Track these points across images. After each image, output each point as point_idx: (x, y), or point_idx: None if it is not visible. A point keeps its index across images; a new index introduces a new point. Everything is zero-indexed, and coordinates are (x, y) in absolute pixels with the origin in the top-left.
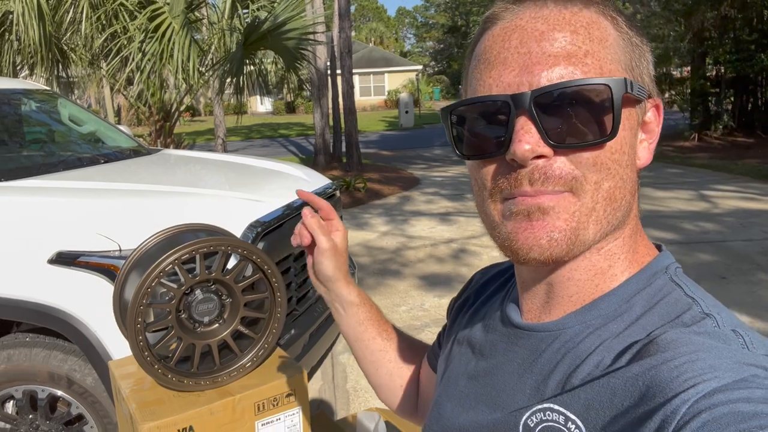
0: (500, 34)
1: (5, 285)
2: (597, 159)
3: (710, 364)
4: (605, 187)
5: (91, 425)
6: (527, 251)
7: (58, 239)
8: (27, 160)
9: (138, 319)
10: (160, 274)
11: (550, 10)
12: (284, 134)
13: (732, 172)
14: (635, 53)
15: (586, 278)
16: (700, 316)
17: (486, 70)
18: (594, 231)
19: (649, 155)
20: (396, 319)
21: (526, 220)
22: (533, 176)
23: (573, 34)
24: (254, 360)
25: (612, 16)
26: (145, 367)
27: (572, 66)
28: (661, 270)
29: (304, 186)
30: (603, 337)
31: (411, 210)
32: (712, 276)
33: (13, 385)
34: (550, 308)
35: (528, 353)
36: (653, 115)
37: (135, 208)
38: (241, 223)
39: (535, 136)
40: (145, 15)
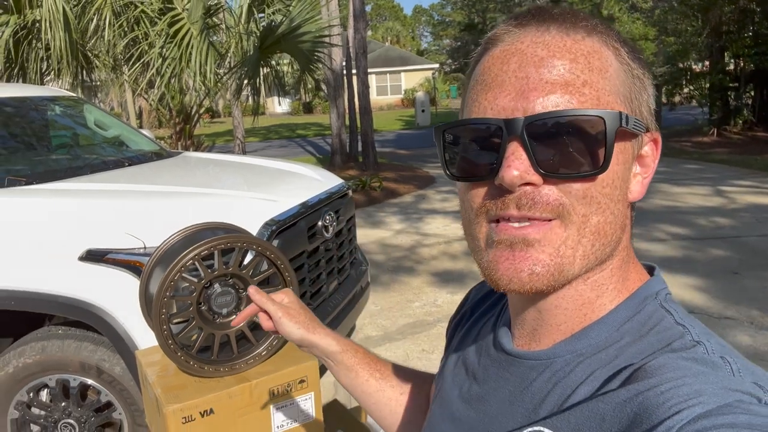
0: (500, 56)
1: (40, 281)
2: (587, 191)
3: (696, 389)
4: (593, 222)
5: (119, 412)
6: (507, 282)
7: (87, 238)
8: (56, 163)
9: (162, 310)
10: (182, 269)
11: (552, 36)
12: (302, 134)
13: (751, 167)
14: (635, 86)
15: (573, 307)
16: (690, 343)
17: (482, 91)
18: (580, 266)
19: (642, 189)
20: (409, 315)
21: (508, 250)
22: (520, 201)
23: (572, 62)
24: (269, 349)
25: (615, 47)
26: (169, 354)
27: (569, 95)
28: (651, 296)
29: (317, 186)
30: (593, 367)
31: (426, 208)
32: (724, 271)
33: (47, 374)
34: (540, 336)
35: (519, 381)
36: (651, 149)
37: (158, 209)
38: (257, 221)
39: (525, 162)
40: (165, 21)
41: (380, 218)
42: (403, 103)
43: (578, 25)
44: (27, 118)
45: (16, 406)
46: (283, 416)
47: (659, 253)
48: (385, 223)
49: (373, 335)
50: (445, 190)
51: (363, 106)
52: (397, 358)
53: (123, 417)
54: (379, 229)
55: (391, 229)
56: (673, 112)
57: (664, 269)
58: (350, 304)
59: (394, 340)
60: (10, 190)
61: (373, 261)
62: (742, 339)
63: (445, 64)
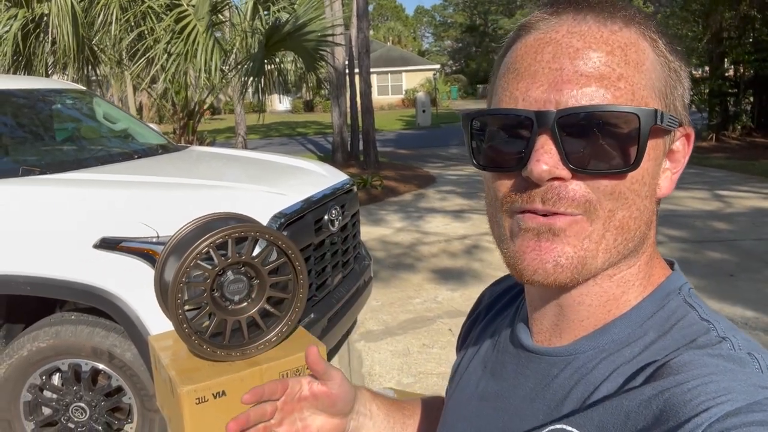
0: (533, 45)
1: (55, 267)
2: (615, 188)
3: (724, 387)
4: (619, 216)
5: (129, 396)
6: (531, 273)
7: (102, 226)
8: (67, 155)
9: (178, 295)
10: (198, 256)
11: (588, 26)
12: (302, 132)
13: (749, 172)
14: (671, 79)
15: (597, 304)
16: (716, 339)
17: (514, 80)
18: (603, 260)
19: (671, 185)
20: (410, 311)
21: (534, 239)
22: (546, 195)
23: (609, 54)
24: (279, 335)
25: (652, 38)
26: (184, 338)
27: (603, 89)
28: (674, 291)
29: (323, 181)
30: (617, 363)
31: (426, 207)
32: (720, 273)
33: (60, 359)
34: (561, 331)
35: (540, 378)
36: (682, 144)
37: (171, 199)
38: (266, 213)
39: (555, 157)
40: (171, 17)
41: (381, 216)
42: (403, 103)
43: (616, 15)
44: (38, 110)
45: (29, 389)
46: None
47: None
48: (385, 221)
49: (375, 329)
50: (445, 190)
51: (365, 105)
52: (399, 351)
53: (132, 402)
54: (380, 227)
55: (391, 227)
56: None
57: None
58: (353, 298)
59: (395, 335)
60: (26, 179)
61: (374, 258)
62: None
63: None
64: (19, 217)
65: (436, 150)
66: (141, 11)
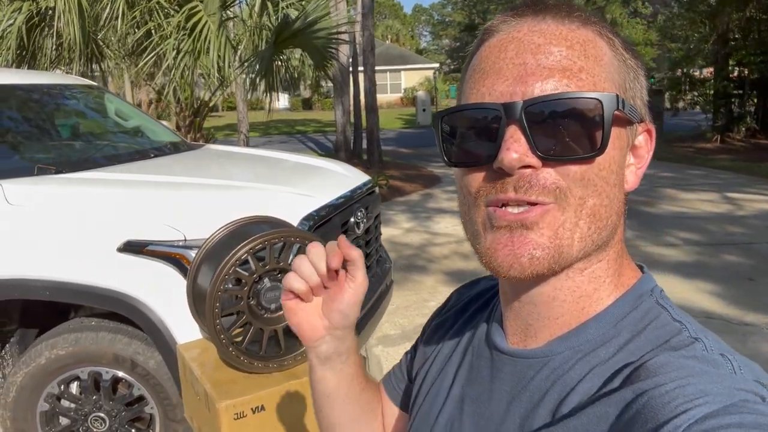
0: (497, 45)
1: (76, 271)
2: (584, 174)
3: (701, 389)
4: (590, 204)
5: (151, 406)
6: (507, 269)
7: (126, 229)
8: (81, 153)
9: (216, 304)
10: (236, 263)
11: (547, 24)
12: (301, 131)
13: (756, 174)
14: (629, 75)
15: (571, 300)
16: (688, 340)
17: (480, 79)
18: (578, 248)
19: (636, 180)
20: (426, 314)
21: (507, 235)
22: (518, 184)
23: (569, 49)
24: None
25: (609, 37)
26: (221, 349)
27: (566, 79)
28: (647, 292)
29: (347, 182)
30: (592, 364)
31: (434, 207)
32: (739, 278)
33: (80, 367)
34: (536, 331)
35: (516, 380)
36: (644, 140)
37: (198, 201)
38: (295, 216)
39: (524, 145)
40: (182, 13)
41: (389, 216)
42: (402, 101)
43: (573, 15)
44: (49, 106)
45: (47, 398)
46: None
47: (673, 257)
48: (393, 221)
49: (392, 334)
50: (452, 190)
51: (370, 104)
52: None
53: (155, 411)
54: (388, 227)
55: (400, 228)
56: (675, 117)
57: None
58: (377, 303)
59: (413, 339)
60: (43, 178)
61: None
62: (763, 346)
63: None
64: (37, 219)
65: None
66: (148, 7)
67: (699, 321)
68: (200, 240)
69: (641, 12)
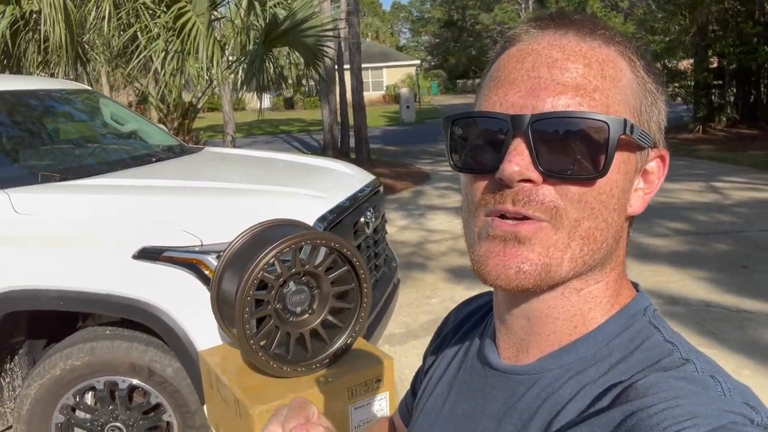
0: (515, 55)
1: (90, 280)
2: (583, 196)
3: (690, 411)
4: (584, 227)
5: (169, 414)
6: (494, 278)
7: (141, 235)
8: (82, 159)
9: (245, 308)
10: (265, 266)
11: (568, 39)
12: (285, 130)
13: (739, 163)
14: (647, 99)
15: (564, 318)
16: (680, 361)
17: (495, 87)
18: (568, 269)
19: (642, 205)
20: (429, 311)
21: (500, 246)
22: (517, 197)
23: (586, 67)
24: (343, 347)
25: (630, 58)
26: (250, 354)
27: (579, 97)
28: (640, 312)
29: (355, 182)
30: (583, 382)
31: (426, 204)
32: (733, 266)
33: (95, 377)
34: (528, 346)
35: (507, 397)
36: (657, 165)
37: (214, 205)
38: (311, 218)
39: (526, 159)
40: (171, 13)
41: None
42: (384, 99)
43: (596, 33)
44: (44, 112)
45: (61, 410)
46: (360, 416)
47: (665, 247)
48: (388, 219)
49: (397, 332)
50: (442, 186)
51: (357, 102)
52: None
53: (173, 419)
54: None
55: (394, 225)
56: None
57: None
58: (387, 302)
59: (419, 337)
60: (49, 186)
61: None
62: (763, 333)
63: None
64: (47, 228)
65: (424, 146)
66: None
67: (698, 310)
68: (217, 245)
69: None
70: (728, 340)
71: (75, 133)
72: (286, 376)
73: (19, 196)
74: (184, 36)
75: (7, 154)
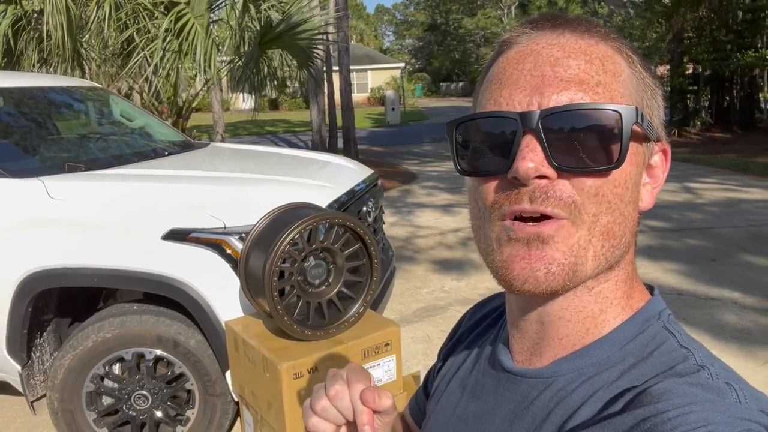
0: (515, 57)
1: (123, 258)
2: (599, 189)
3: (704, 417)
4: (603, 221)
5: (191, 382)
6: (522, 283)
7: (169, 218)
8: (101, 152)
9: (274, 279)
10: (291, 242)
11: (566, 38)
12: (271, 131)
13: (713, 165)
14: (647, 93)
15: (576, 320)
16: (694, 367)
17: (497, 89)
18: (592, 266)
19: (651, 200)
20: (420, 300)
21: (524, 249)
22: (534, 194)
23: (587, 63)
24: (356, 315)
25: (628, 55)
26: (278, 319)
27: (583, 92)
28: (654, 316)
29: (357, 174)
30: (596, 387)
31: (414, 202)
32: (703, 259)
33: (125, 348)
34: (541, 350)
35: (519, 400)
36: (660, 159)
37: (235, 193)
38: (321, 205)
39: (540, 155)
40: (171, 16)
41: None
42: (369, 101)
43: (592, 31)
44: (60, 107)
45: (92, 379)
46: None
47: (640, 242)
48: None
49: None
50: (429, 186)
51: (345, 103)
52: (419, 338)
53: (195, 387)
54: None
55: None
56: None
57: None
58: (384, 288)
59: (412, 323)
60: (79, 175)
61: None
62: (729, 318)
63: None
64: (81, 212)
65: (410, 147)
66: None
67: (671, 297)
68: (239, 227)
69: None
70: (698, 324)
71: (91, 127)
72: (307, 339)
73: (54, 183)
74: (183, 37)
75: (34, 146)
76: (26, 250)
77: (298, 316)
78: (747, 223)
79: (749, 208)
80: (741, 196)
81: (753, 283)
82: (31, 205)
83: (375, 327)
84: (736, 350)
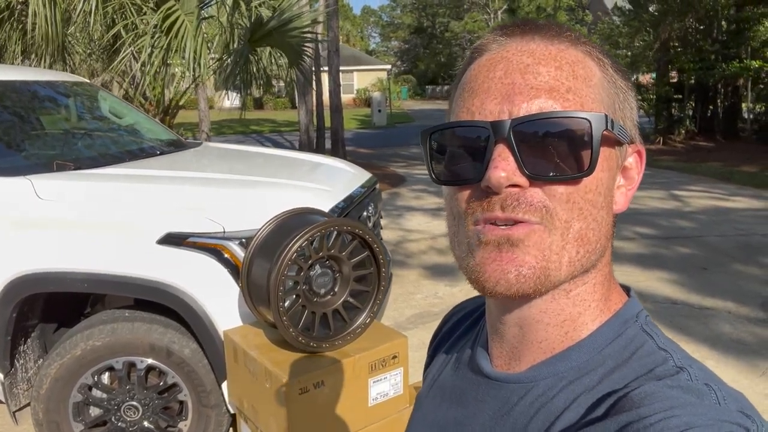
0: (486, 64)
1: (115, 263)
2: (570, 196)
3: (685, 421)
4: (576, 228)
5: (184, 393)
6: (494, 284)
7: (165, 222)
8: (90, 150)
9: (280, 288)
10: (298, 250)
11: (536, 44)
12: (256, 130)
13: (698, 173)
14: (619, 96)
15: (555, 323)
16: (673, 369)
17: (469, 98)
18: (567, 272)
19: (625, 202)
20: (414, 306)
21: (495, 251)
22: (505, 202)
23: (557, 69)
24: (363, 326)
25: (599, 58)
26: (283, 330)
27: (553, 100)
28: (632, 318)
29: (356, 178)
30: (577, 392)
31: (403, 205)
32: (694, 267)
33: (115, 357)
34: (520, 354)
35: (500, 405)
36: (635, 161)
37: (234, 196)
38: (323, 209)
39: (512, 164)
40: (160, 13)
41: None
42: (355, 102)
43: (562, 35)
44: (47, 102)
45: (80, 389)
46: (377, 389)
47: (632, 250)
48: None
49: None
50: (418, 189)
51: (334, 104)
52: (415, 345)
53: (188, 398)
54: None
55: None
56: None
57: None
58: None
59: (406, 329)
60: (68, 174)
61: None
62: (724, 328)
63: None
64: (71, 213)
65: (397, 149)
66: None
67: (665, 307)
68: (239, 231)
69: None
70: (694, 334)
71: (79, 124)
72: (312, 351)
73: (42, 183)
74: (173, 34)
75: (19, 143)
76: (12, 252)
77: (302, 327)
78: (735, 232)
79: (736, 217)
80: (728, 205)
81: (745, 292)
82: (18, 205)
83: (382, 338)
84: (734, 361)
